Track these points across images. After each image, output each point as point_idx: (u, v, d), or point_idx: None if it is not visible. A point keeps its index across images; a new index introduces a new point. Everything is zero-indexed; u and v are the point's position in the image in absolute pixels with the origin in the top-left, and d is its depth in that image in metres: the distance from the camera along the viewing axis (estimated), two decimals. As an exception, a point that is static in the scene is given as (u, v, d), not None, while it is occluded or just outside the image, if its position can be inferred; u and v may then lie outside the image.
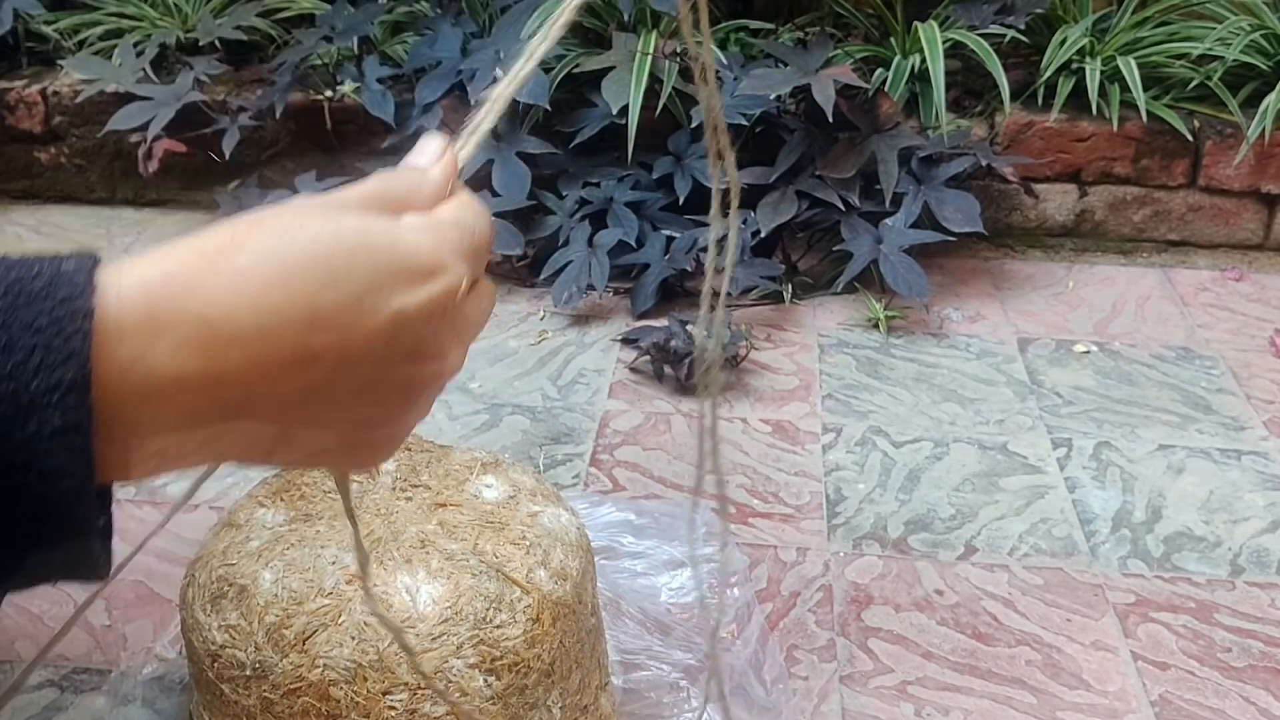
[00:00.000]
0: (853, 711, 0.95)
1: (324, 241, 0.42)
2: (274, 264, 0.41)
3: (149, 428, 0.39)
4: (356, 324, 0.42)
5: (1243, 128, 1.72)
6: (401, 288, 0.42)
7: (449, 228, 0.45)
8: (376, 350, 0.42)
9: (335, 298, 0.41)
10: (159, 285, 0.39)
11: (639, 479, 1.24)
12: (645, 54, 1.64)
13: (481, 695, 0.68)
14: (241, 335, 0.39)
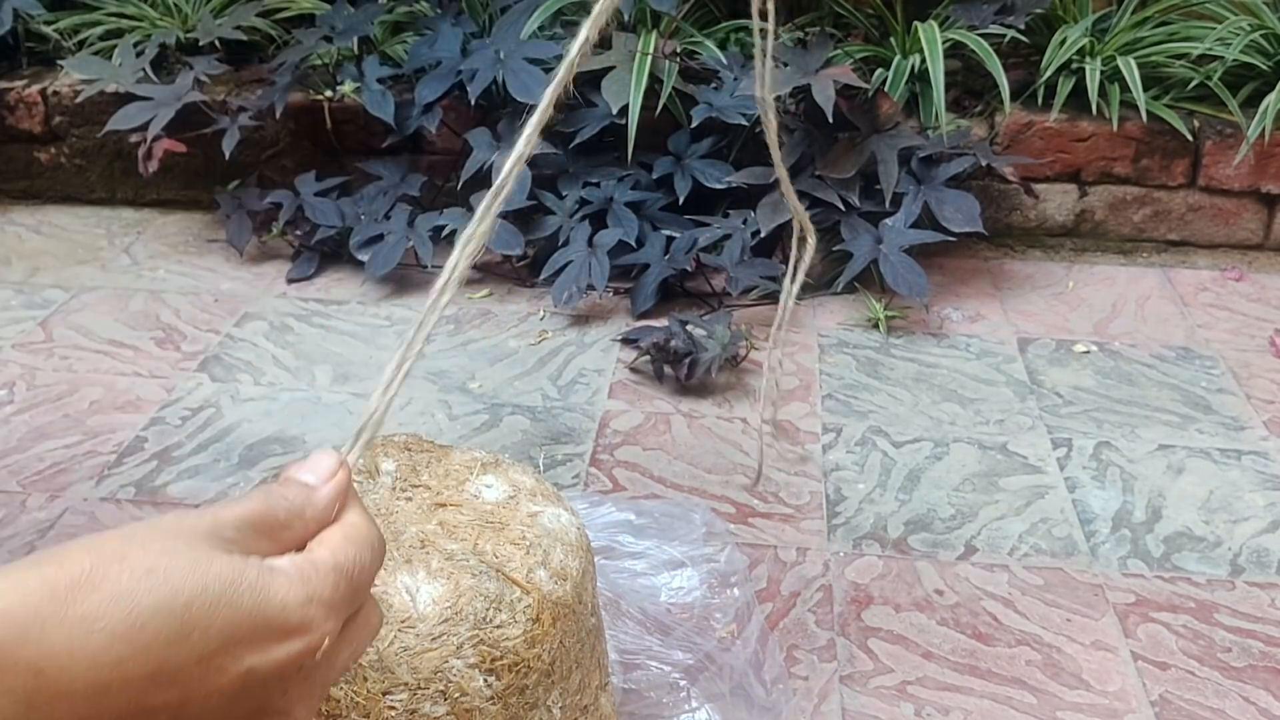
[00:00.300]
0: (853, 711, 0.95)
1: (187, 591, 0.39)
2: (126, 613, 0.38)
3: None
4: (201, 682, 0.40)
5: (1243, 128, 1.72)
6: (259, 646, 0.40)
7: (325, 575, 0.42)
8: (217, 708, 0.40)
9: (184, 654, 0.39)
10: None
11: (639, 479, 1.24)
12: (645, 54, 1.64)
13: (481, 695, 0.68)
14: (73, 690, 0.37)
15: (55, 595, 0.37)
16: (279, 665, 0.41)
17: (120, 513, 1.17)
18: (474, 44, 1.73)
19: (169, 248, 1.80)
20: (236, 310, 1.60)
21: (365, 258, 1.65)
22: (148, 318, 1.58)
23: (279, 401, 1.38)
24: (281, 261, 1.73)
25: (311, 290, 1.67)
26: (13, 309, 1.60)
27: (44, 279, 1.69)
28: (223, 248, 1.78)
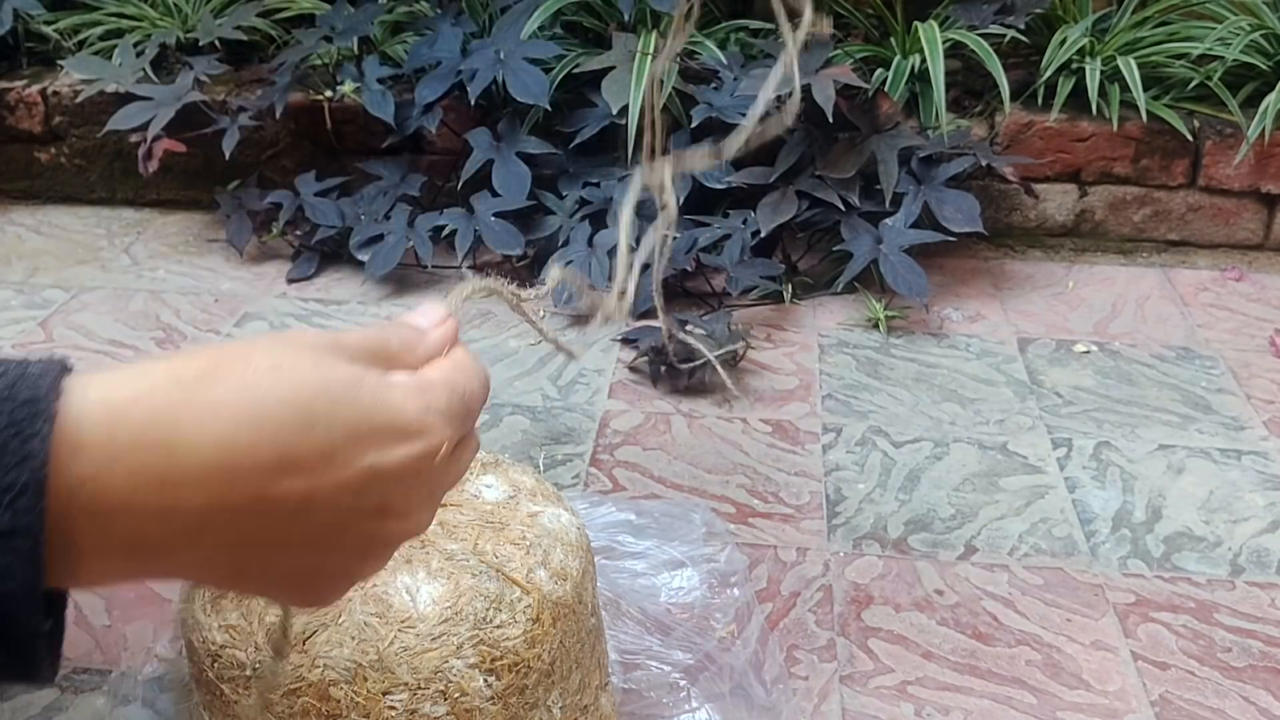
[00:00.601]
0: (853, 711, 0.95)
1: (308, 387, 0.41)
2: (251, 402, 0.39)
3: (91, 547, 0.38)
4: (325, 474, 0.40)
5: (1243, 128, 1.72)
6: (380, 445, 0.42)
7: (438, 389, 0.44)
8: (342, 502, 0.41)
9: (308, 445, 0.40)
10: (126, 405, 0.38)
11: (639, 479, 1.24)
12: (645, 54, 1.64)
13: (481, 695, 0.68)
14: (203, 470, 0.38)
15: (182, 383, 0.38)
16: (400, 465, 0.42)
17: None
18: (474, 44, 1.73)
19: (169, 248, 1.80)
20: (237, 310, 1.60)
21: (365, 258, 1.65)
22: (148, 318, 1.58)
23: (279, 401, 1.37)
24: (281, 261, 1.73)
25: (311, 290, 1.67)
26: (13, 309, 1.60)
27: (44, 279, 1.69)
28: (223, 248, 1.78)
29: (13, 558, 0.35)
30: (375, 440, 0.41)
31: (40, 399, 0.36)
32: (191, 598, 0.73)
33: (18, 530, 0.35)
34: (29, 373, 0.37)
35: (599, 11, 1.80)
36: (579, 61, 1.69)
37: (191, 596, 0.73)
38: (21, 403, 0.36)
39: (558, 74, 1.69)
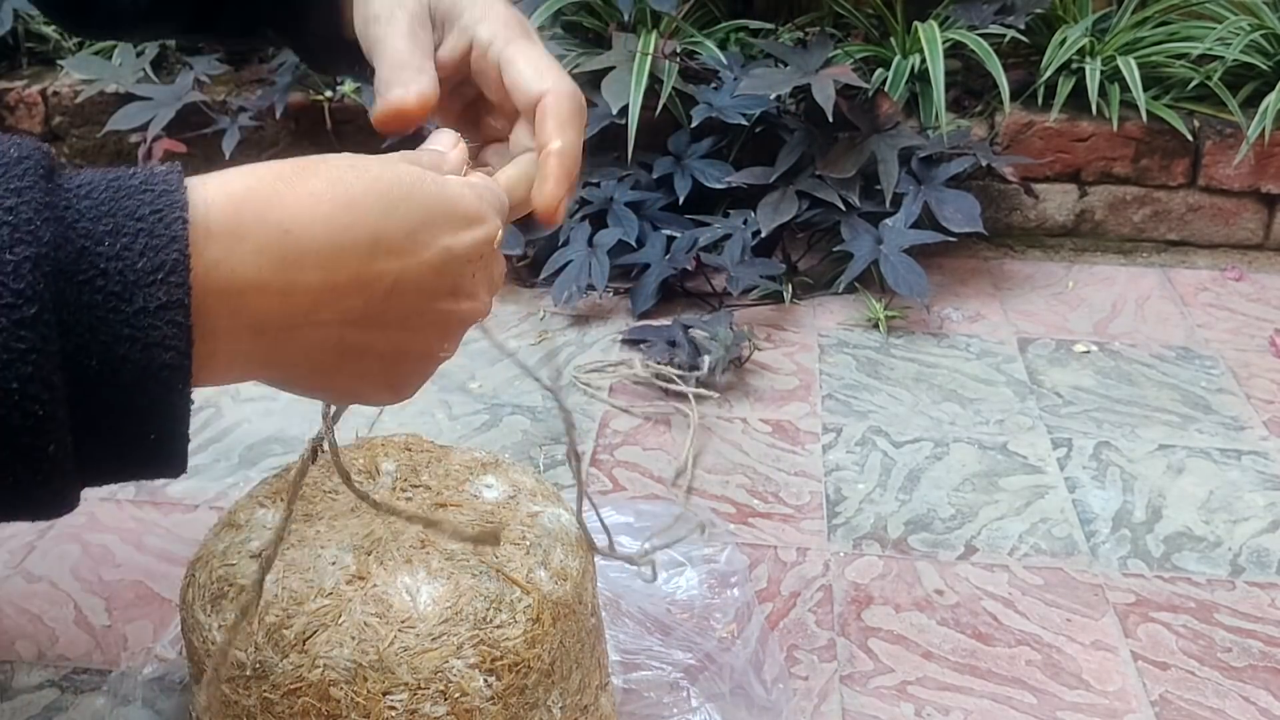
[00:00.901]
0: (853, 711, 0.95)
1: (385, 179, 0.46)
2: (343, 191, 0.45)
3: (225, 326, 0.41)
4: (412, 254, 0.46)
5: (1243, 128, 1.72)
6: (450, 229, 0.47)
7: (483, 185, 0.51)
8: (426, 281, 0.46)
9: (395, 227, 0.45)
10: (243, 194, 0.42)
11: (639, 479, 1.24)
12: (645, 54, 1.64)
13: (481, 695, 0.68)
14: (316, 248, 0.43)
15: (283, 176, 0.44)
16: (467, 248, 0.48)
17: (120, 513, 1.17)
18: (474, 44, 1.73)
19: (169, 248, 1.80)
20: (236, 310, 1.60)
21: (365, 258, 1.65)
22: (148, 318, 1.58)
23: (279, 401, 1.38)
24: (281, 261, 1.73)
25: (311, 290, 1.66)
26: (13, 309, 1.60)
27: (44, 279, 1.69)
28: (223, 248, 1.77)
29: (169, 329, 0.39)
30: (445, 225, 0.47)
31: (174, 189, 0.40)
32: (192, 598, 0.73)
33: (171, 304, 0.39)
34: (156, 171, 0.41)
35: (599, 11, 1.80)
36: (579, 61, 1.69)
37: (191, 597, 0.73)
38: (159, 194, 0.40)
39: (558, 74, 1.69)
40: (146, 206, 0.39)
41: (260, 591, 0.61)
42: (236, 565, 0.72)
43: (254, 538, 0.75)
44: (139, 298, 0.38)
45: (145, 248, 0.38)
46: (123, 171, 0.40)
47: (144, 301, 0.38)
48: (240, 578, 0.71)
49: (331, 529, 0.75)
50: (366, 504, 0.67)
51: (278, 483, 0.81)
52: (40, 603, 1.04)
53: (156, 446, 0.41)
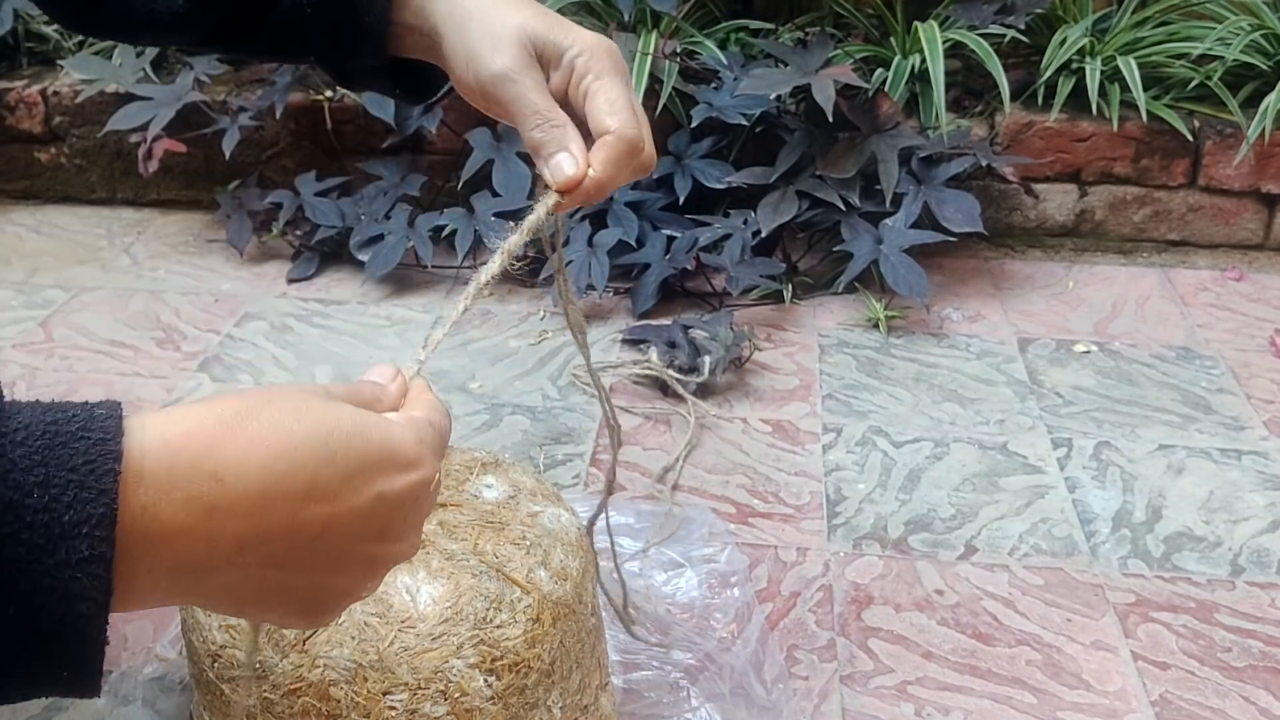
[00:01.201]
0: (853, 711, 0.95)
1: (327, 424, 0.46)
2: (283, 437, 0.44)
3: (144, 568, 0.42)
4: (344, 500, 0.46)
5: (1243, 128, 1.72)
6: (385, 475, 0.47)
7: (424, 425, 0.51)
8: (354, 526, 0.46)
9: (331, 475, 0.45)
10: (180, 441, 0.42)
11: (639, 479, 1.24)
12: (645, 54, 1.64)
13: (481, 695, 0.68)
14: (247, 496, 0.43)
15: (224, 421, 0.44)
16: (401, 493, 0.48)
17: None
18: (474, 44, 1.73)
19: (169, 248, 1.80)
20: (236, 310, 1.60)
21: (365, 258, 1.65)
22: (148, 318, 1.58)
23: (279, 401, 1.37)
24: (281, 261, 1.73)
25: (311, 290, 1.67)
26: (13, 309, 1.60)
27: (44, 279, 1.69)
28: (223, 248, 1.78)
29: (89, 582, 0.40)
30: (382, 471, 0.47)
31: (109, 439, 0.40)
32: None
33: (94, 558, 0.39)
34: (95, 414, 0.41)
35: (599, 11, 1.80)
36: (579, 61, 1.69)
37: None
38: (95, 442, 0.40)
39: (558, 74, 1.69)
40: (80, 456, 0.40)
41: None
42: (236, 565, 0.72)
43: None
44: (62, 550, 0.39)
45: (74, 500, 0.39)
46: (62, 413, 0.41)
47: (66, 554, 0.39)
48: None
49: (331, 529, 0.75)
50: None
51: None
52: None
53: (67, 682, 0.42)
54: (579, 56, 0.64)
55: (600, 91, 0.64)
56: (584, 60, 0.64)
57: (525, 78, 0.63)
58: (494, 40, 0.63)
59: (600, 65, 0.64)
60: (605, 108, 0.63)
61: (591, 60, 0.64)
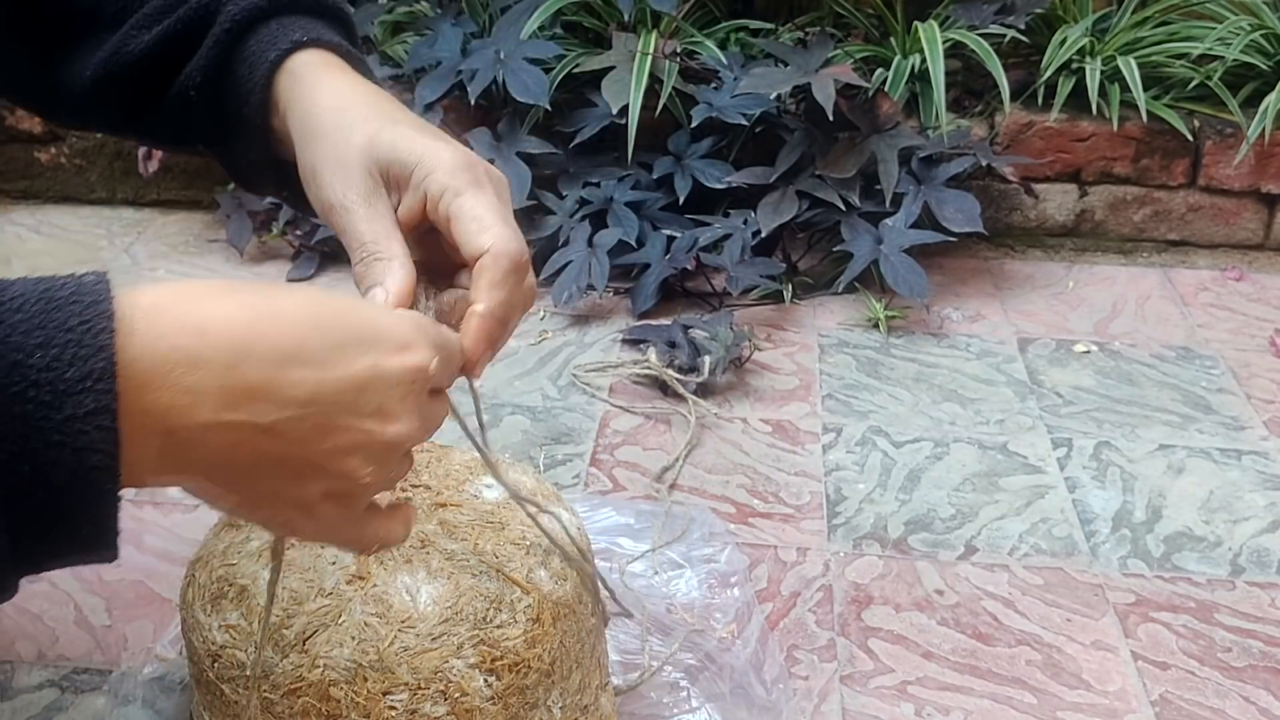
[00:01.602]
0: (853, 711, 0.95)
1: (314, 302, 0.47)
2: (270, 302, 0.46)
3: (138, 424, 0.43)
4: (333, 367, 0.47)
5: (1243, 127, 1.72)
6: (378, 351, 0.48)
7: (422, 319, 0.52)
8: (346, 397, 0.47)
9: (319, 340, 0.46)
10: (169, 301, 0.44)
11: (639, 479, 1.24)
12: (645, 54, 1.64)
13: (481, 695, 0.68)
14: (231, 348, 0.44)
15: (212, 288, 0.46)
16: (397, 372, 0.48)
17: (120, 513, 1.17)
18: (474, 44, 1.73)
19: (169, 248, 1.80)
20: (236, 310, 1.60)
21: (365, 258, 1.65)
22: (148, 318, 1.58)
23: (279, 401, 1.37)
24: (282, 262, 1.73)
25: (311, 290, 1.66)
26: (13, 309, 1.60)
27: (44, 279, 1.69)
28: (223, 248, 1.78)
29: (96, 434, 0.42)
30: (375, 347, 0.48)
31: (101, 300, 0.43)
32: (192, 598, 0.73)
33: (99, 409, 0.41)
34: (85, 281, 0.44)
35: (599, 11, 1.80)
36: (579, 61, 1.69)
37: (192, 596, 0.73)
38: (87, 304, 0.42)
39: (558, 74, 1.69)
40: (75, 318, 0.42)
41: None
42: (236, 565, 0.72)
43: (254, 537, 0.74)
44: (68, 405, 0.41)
45: (74, 358, 0.41)
46: (53, 283, 0.43)
47: (73, 409, 0.41)
48: (240, 577, 0.71)
49: (331, 529, 0.75)
50: None
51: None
52: (40, 603, 1.04)
53: (87, 541, 0.44)
54: (430, 175, 0.58)
55: (463, 210, 0.58)
56: (438, 180, 0.58)
57: (360, 208, 0.58)
58: (336, 163, 0.59)
59: (458, 182, 0.58)
60: (473, 226, 0.57)
61: (448, 177, 0.58)
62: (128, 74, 0.65)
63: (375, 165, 0.59)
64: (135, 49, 0.64)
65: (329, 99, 0.60)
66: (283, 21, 0.63)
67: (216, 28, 0.62)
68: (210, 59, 0.63)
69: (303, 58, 0.62)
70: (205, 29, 0.63)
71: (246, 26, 0.63)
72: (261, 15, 0.63)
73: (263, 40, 0.62)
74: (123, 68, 0.65)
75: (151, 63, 0.65)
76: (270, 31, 0.63)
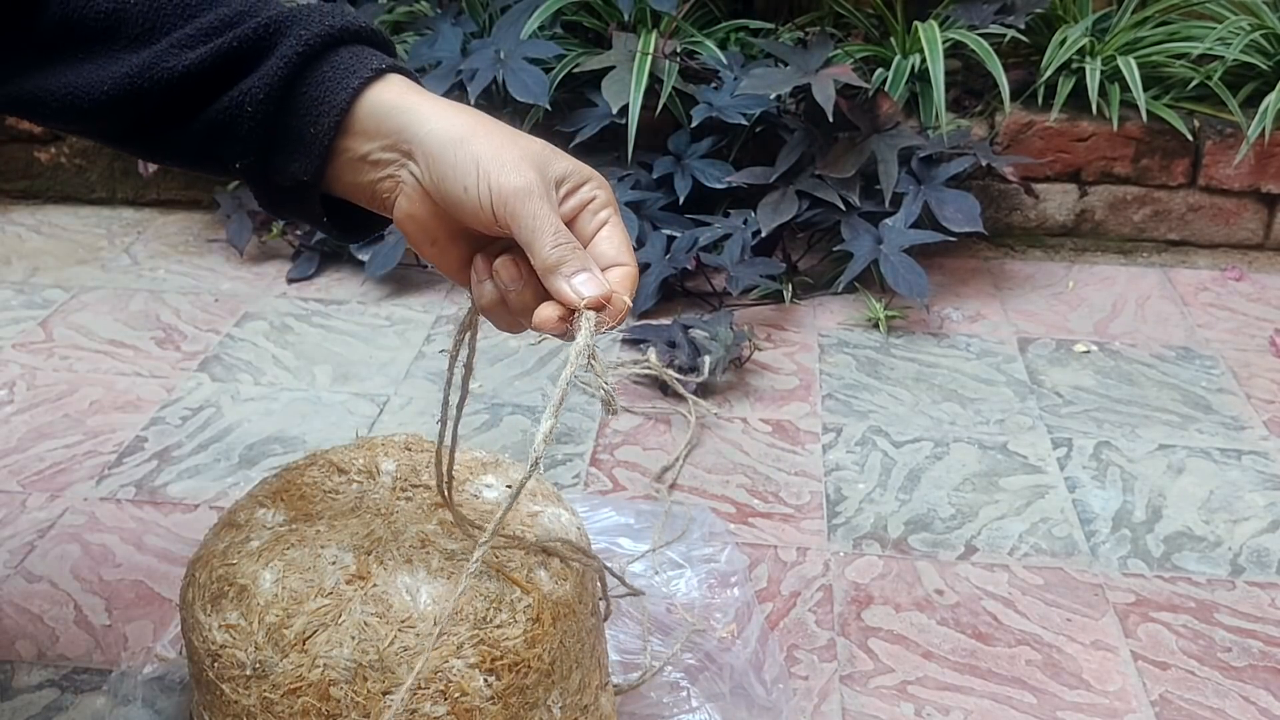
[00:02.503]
0: (853, 711, 0.95)
1: None
2: None
3: None
4: None
5: (1243, 127, 1.72)
6: None
7: None
8: None
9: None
10: None
11: (639, 479, 1.24)
12: (645, 54, 1.64)
13: (481, 695, 0.68)
14: None
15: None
16: None
17: (120, 512, 1.17)
18: (474, 44, 1.73)
19: (169, 248, 1.80)
20: (237, 310, 1.60)
21: (365, 258, 1.65)
22: (148, 318, 1.58)
23: (279, 401, 1.38)
24: (282, 261, 1.73)
25: (311, 290, 1.67)
26: (13, 309, 1.60)
27: (44, 279, 1.69)
28: (223, 248, 1.78)
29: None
30: None
31: None
32: (192, 598, 0.73)
33: None
34: None
35: (599, 11, 1.80)
36: (579, 61, 1.69)
37: (192, 596, 0.73)
38: None
39: (558, 74, 1.69)
40: None
41: None
42: (236, 565, 0.72)
43: (253, 537, 0.74)
44: None
45: None
46: None
47: None
48: (240, 577, 0.71)
49: (331, 529, 0.75)
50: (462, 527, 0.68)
51: (277, 483, 0.80)
52: (40, 603, 1.04)
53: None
54: (598, 189, 0.65)
55: (616, 226, 0.65)
56: (603, 195, 0.65)
57: (546, 197, 0.63)
58: (512, 156, 0.63)
59: (614, 201, 0.66)
60: (619, 243, 0.64)
61: (606, 194, 0.65)
62: (163, 89, 0.65)
63: (549, 169, 0.63)
64: (177, 65, 0.65)
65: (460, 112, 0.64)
66: (354, 50, 0.66)
67: (285, 48, 0.64)
68: (278, 77, 0.64)
69: (395, 79, 0.65)
70: (266, 50, 0.65)
71: (319, 51, 0.65)
72: (334, 42, 0.65)
73: (338, 66, 0.65)
74: (157, 83, 0.65)
75: (197, 79, 0.65)
76: (344, 58, 0.65)
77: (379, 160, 0.65)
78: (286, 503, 0.77)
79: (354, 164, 0.66)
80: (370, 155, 0.65)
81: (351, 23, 0.66)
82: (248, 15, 0.66)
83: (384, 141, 0.65)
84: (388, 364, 1.47)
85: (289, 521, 0.76)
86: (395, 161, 0.65)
